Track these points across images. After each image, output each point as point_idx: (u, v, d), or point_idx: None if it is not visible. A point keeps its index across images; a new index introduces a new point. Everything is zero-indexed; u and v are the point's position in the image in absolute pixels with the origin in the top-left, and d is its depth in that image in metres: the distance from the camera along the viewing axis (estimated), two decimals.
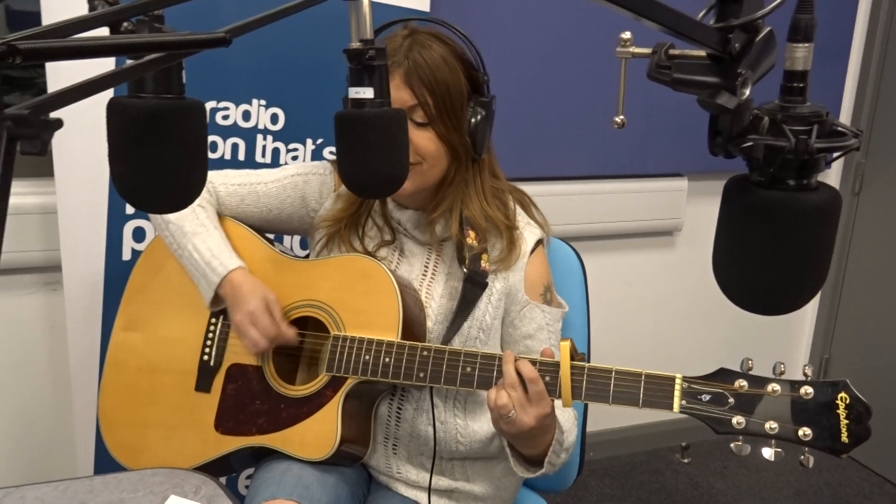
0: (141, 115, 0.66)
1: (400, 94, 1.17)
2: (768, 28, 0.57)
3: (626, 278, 2.51)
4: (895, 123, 2.52)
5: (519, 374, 1.09)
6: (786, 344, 2.84)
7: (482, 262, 1.23)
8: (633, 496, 2.45)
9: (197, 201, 1.29)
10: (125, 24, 0.64)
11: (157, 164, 0.68)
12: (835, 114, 2.62)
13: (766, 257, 0.60)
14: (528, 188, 1.38)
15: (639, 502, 2.42)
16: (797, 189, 0.59)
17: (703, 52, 0.58)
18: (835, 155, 0.60)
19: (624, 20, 0.58)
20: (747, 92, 0.56)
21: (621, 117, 0.65)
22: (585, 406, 1.44)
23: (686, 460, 2.65)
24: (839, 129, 0.61)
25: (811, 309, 2.81)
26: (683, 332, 2.63)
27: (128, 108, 0.66)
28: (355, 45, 0.80)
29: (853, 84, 2.59)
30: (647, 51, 0.60)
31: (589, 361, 1.12)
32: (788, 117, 0.58)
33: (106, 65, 0.82)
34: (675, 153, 2.37)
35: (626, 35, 0.62)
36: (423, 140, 1.20)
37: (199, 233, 1.27)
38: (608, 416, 2.59)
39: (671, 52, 0.59)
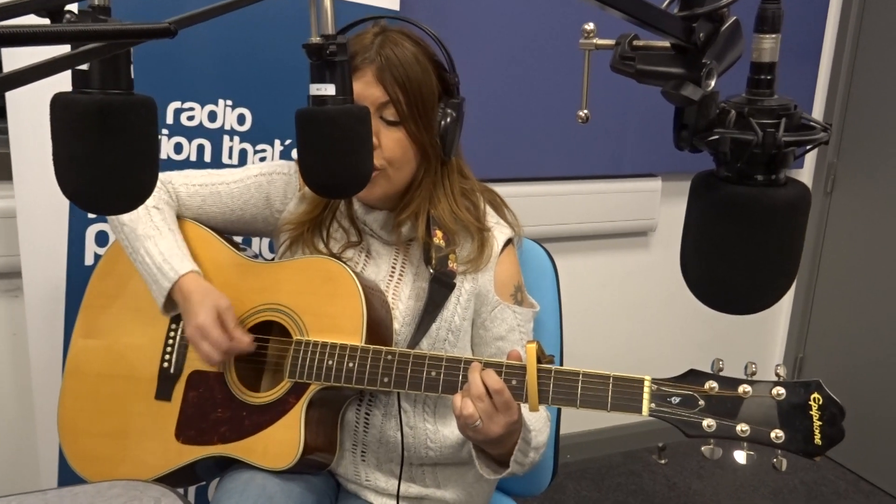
0: (87, 112, 0.63)
1: (371, 91, 1.15)
2: (734, 18, 0.56)
3: (600, 279, 2.51)
4: (867, 123, 2.54)
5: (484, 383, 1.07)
6: (761, 343, 2.85)
7: (450, 262, 1.21)
8: (611, 498, 2.44)
9: (153, 202, 1.26)
10: (67, 14, 0.61)
11: (105, 163, 0.65)
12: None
13: (734, 255, 0.58)
14: (501, 189, 1.36)
15: None
16: (765, 184, 0.57)
17: (667, 43, 0.56)
18: (804, 149, 0.59)
19: (597, 15, 0.56)
20: (712, 83, 0.54)
21: (585, 111, 0.63)
22: (558, 409, 1.42)
23: (663, 461, 2.65)
24: (808, 122, 0.59)
25: (785, 309, 2.83)
26: (659, 333, 2.63)
27: (73, 104, 0.63)
28: (315, 39, 0.78)
29: (825, 84, 2.61)
30: (611, 42, 0.59)
31: (562, 364, 1.10)
32: (756, 110, 0.57)
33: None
34: (649, 154, 2.37)
35: (590, 26, 0.60)
36: (391, 142, 1.17)
37: (152, 236, 1.24)
38: (584, 418, 2.58)
39: (635, 43, 0.57)
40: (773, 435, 0.96)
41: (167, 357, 1.27)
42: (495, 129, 2.14)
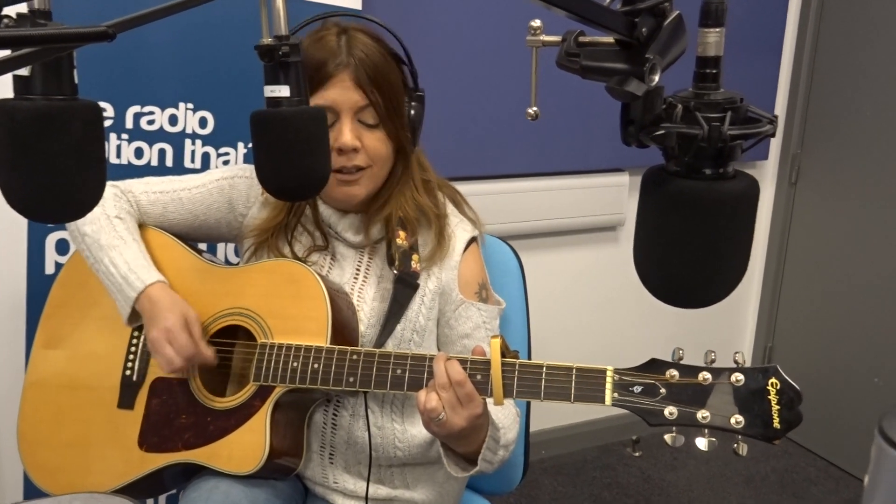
0: (29, 119, 0.62)
1: (350, 95, 1.14)
2: (676, 12, 0.56)
3: (570, 275, 2.51)
4: (829, 114, 2.57)
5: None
6: (730, 334, 2.88)
7: (413, 262, 1.21)
8: (586, 492, 2.45)
9: (115, 212, 1.24)
10: (5, 18, 0.60)
11: (49, 171, 0.64)
12: (769, 107, 2.66)
13: (684, 249, 0.59)
14: (468, 187, 1.36)
15: (591, 498, 2.43)
16: (713, 178, 0.58)
17: (612, 39, 0.56)
18: (751, 142, 0.59)
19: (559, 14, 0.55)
20: (656, 78, 0.54)
21: (534, 109, 0.63)
22: (528, 404, 1.42)
23: (637, 454, 2.66)
24: (754, 115, 0.59)
25: (753, 299, 2.86)
26: (629, 328, 2.64)
27: (14, 111, 0.61)
28: (267, 40, 0.77)
29: (787, 75, 2.64)
30: (558, 39, 0.59)
31: (529, 360, 1.10)
32: (702, 104, 0.57)
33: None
34: (616, 149, 2.34)
35: (536, 23, 0.60)
36: (374, 142, 1.18)
37: (116, 245, 1.22)
38: (558, 414, 2.59)
39: (581, 39, 0.57)
40: (732, 420, 0.98)
41: (129, 365, 1.25)
42: (459, 127, 2.14)
